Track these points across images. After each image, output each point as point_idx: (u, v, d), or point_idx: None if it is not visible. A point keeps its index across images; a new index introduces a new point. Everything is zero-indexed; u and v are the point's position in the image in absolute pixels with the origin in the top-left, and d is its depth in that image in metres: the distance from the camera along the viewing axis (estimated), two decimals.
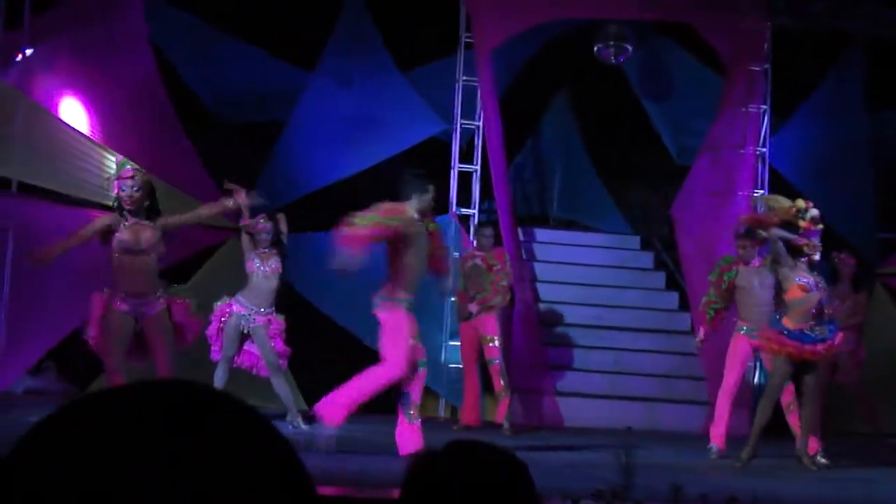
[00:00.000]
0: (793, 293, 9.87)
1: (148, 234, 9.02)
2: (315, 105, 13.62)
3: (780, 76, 13.97)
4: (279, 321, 10.90)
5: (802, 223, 9.81)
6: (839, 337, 10.04)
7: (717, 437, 10.66)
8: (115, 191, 9.10)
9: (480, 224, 12.83)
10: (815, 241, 9.89)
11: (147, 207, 9.11)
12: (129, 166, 9.30)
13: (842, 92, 14.62)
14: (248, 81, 14.10)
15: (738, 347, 10.78)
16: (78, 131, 11.96)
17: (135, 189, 8.96)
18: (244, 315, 10.81)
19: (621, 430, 10.06)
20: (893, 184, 14.42)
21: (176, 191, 12.68)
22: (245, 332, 10.85)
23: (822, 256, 10.15)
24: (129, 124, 12.53)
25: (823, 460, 10.16)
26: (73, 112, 12.22)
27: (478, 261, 11.96)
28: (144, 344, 9.28)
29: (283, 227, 11.09)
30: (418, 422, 9.22)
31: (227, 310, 10.86)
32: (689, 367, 13.40)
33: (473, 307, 11.80)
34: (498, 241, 12.39)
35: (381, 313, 9.06)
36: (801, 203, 9.93)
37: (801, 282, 9.82)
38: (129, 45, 12.64)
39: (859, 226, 14.11)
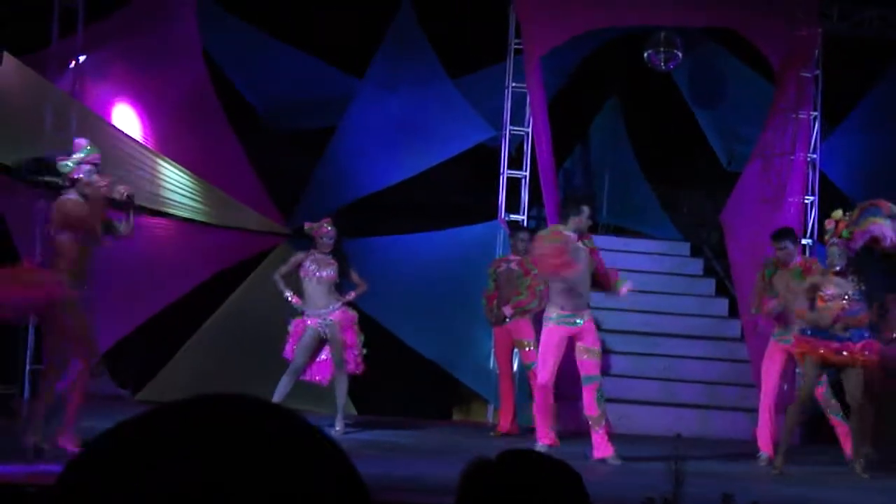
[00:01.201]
0: (819, 301, 9.98)
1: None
2: (365, 111, 13.68)
3: (831, 82, 13.88)
4: (351, 314, 10.96)
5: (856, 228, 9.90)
6: (873, 345, 9.99)
7: (765, 444, 10.62)
8: (77, 173, 8.54)
9: (515, 229, 12.76)
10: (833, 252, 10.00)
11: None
12: (98, 153, 8.71)
13: (893, 98, 14.51)
14: (299, 88, 14.19)
15: (772, 353, 10.77)
16: (131, 137, 12.07)
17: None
18: (319, 323, 10.84)
19: (670, 437, 10.04)
20: None
21: (227, 197, 12.79)
22: (324, 337, 10.88)
23: None
24: (181, 130, 12.64)
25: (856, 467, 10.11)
26: (126, 118, 12.34)
27: (513, 265, 11.93)
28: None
29: (356, 279, 11.15)
30: (596, 430, 9.97)
31: (303, 325, 10.90)
32: (738, 374, 13.34)
33: (508, 310, 11.77)
34: None
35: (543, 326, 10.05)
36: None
37: (824, 293, 9.92)
38: (181, 52, 12.75)
39: None
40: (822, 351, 9.85)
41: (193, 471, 1.03)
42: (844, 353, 9.84)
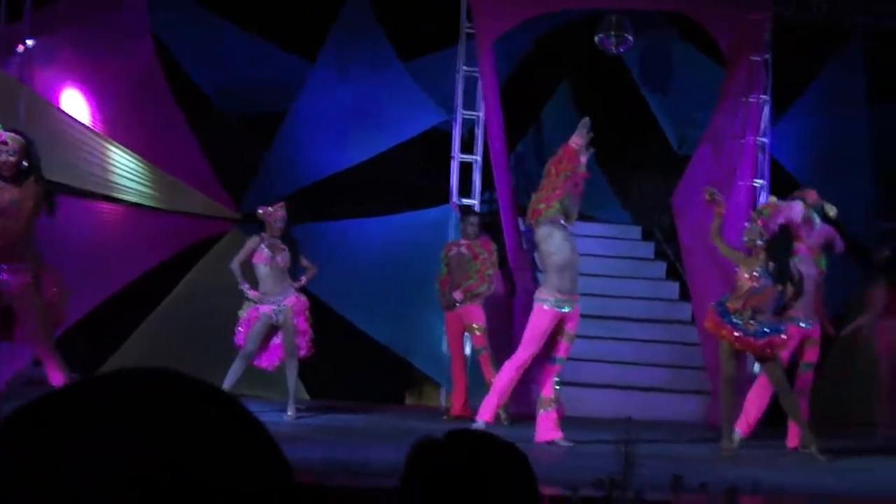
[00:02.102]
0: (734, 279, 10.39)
1: (6, 196, 8.20)
2: (316, 96, 13.62)
3: (781, 66, 13.95)
4: (304, 300, 10.94)
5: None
6: (778, 339, 10.11)
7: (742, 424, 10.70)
8: None
9: (466, 213, 12.77)
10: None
11: (25, 170, 8.28)
12: (0, 130, 8.36)
13: (842, 82, 14.61)
14: (250, 72, 14.10)
15: None
16: (80, 122, 11.97)
17: (9, 154, 8.25)
18: (273, 309, 10.78)
19: (621, 419, 10.10)
20: (894, 174, 14.42)
21: (177, 181, 12.72)
22: (276, 323, 10.83)
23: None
24: (130, 115, 12.55)
25: (811, 452, 10.16)
26: (75, 103, 12.24)
27: (463, 249, 11.96)
28: (9, 318, 8.45)
29: (306, 264, 11.11)
30: (545, 411, 10.23)
31: (255, 314, 10.83)
32: (689, 357, 13.42)
33: (458, 295, 11.80)
34: (489, 230, 12.40)
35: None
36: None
37: (739, 273, 10.23)
38: (130, 36, 12.65)
39: (859, 215, 14.06)
40: (724, 332, 10.04)
41: (139, 442, 1.01)
42: (746, 342, 10.02)
